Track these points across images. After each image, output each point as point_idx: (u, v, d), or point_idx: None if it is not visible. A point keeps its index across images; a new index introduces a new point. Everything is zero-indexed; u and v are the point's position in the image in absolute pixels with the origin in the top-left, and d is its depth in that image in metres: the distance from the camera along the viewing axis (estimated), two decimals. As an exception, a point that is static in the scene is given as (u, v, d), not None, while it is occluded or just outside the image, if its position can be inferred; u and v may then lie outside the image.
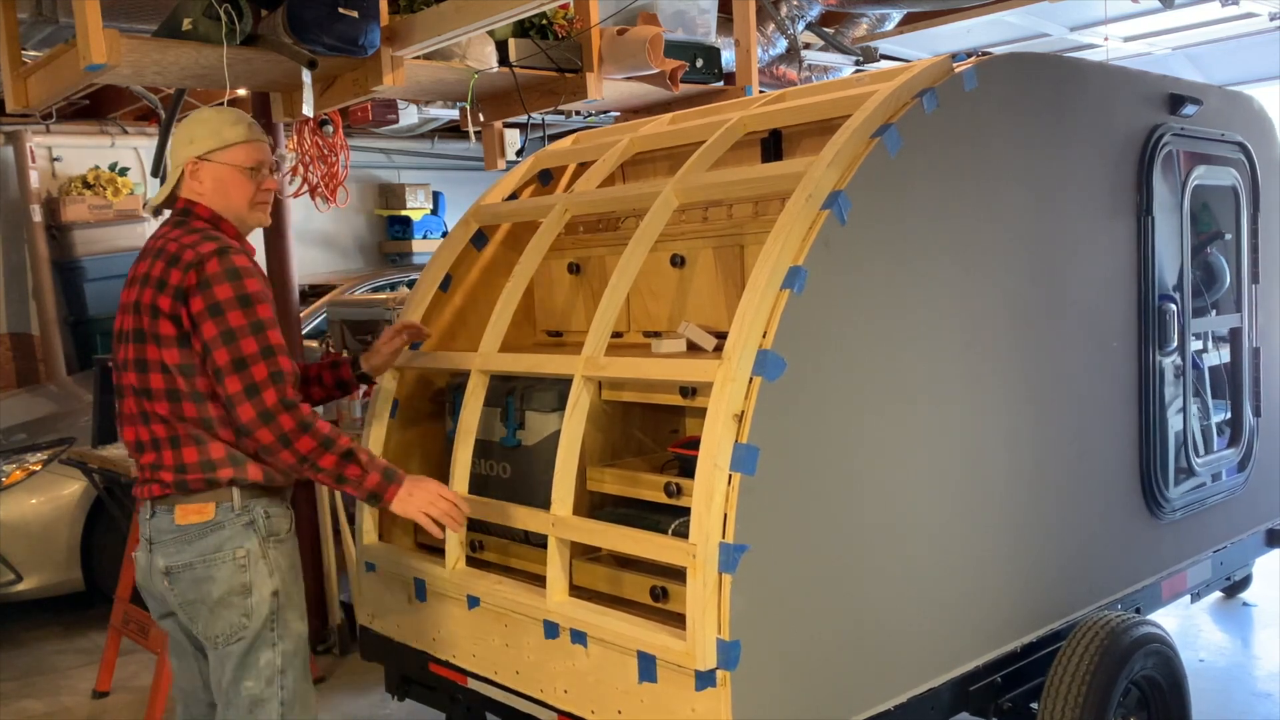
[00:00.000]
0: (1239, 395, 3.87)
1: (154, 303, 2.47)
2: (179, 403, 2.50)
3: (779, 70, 6.15)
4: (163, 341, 2.47)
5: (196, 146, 2.64)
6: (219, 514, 2.53)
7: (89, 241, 7.62)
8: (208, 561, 2.52)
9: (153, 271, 2.50)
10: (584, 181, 3.15)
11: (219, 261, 2.46)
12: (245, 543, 2.54)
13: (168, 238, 2.56)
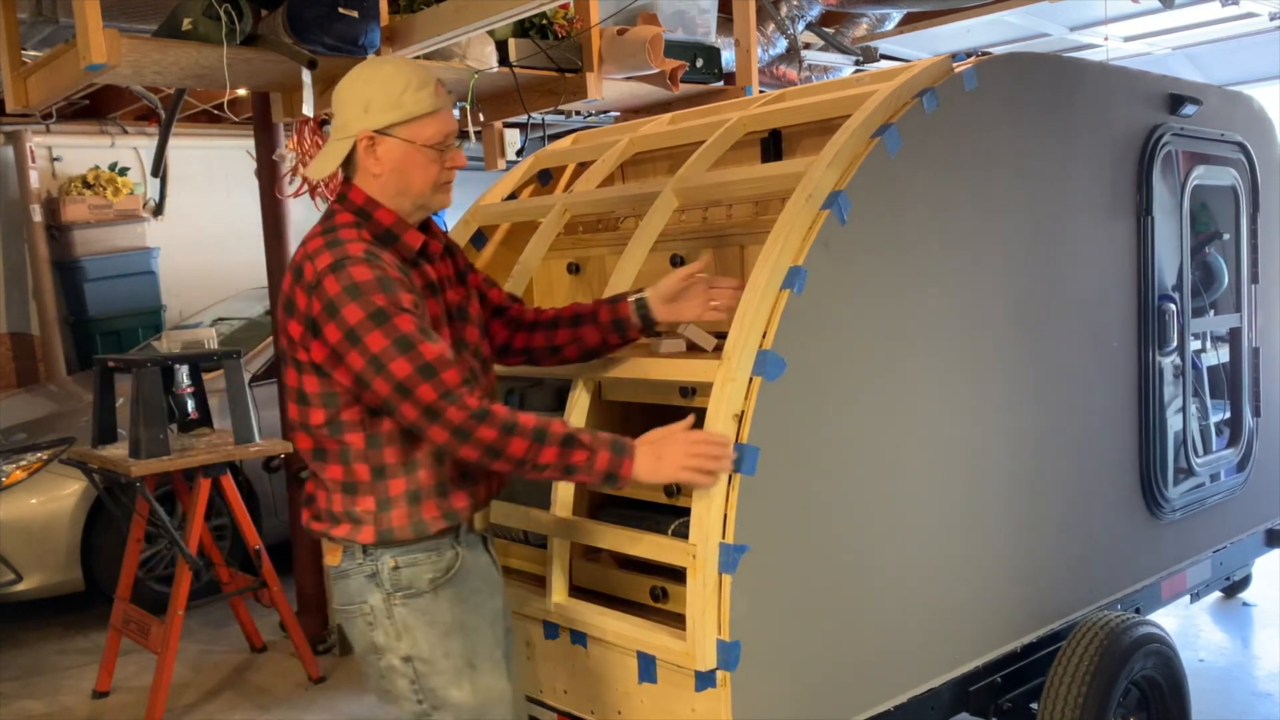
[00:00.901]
0: (1238, 395, 3.87)
1: (287, 328, 2.17)
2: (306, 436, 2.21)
3: (779, 70, 6.16)
4: (303, 367, 2.16)
5: (373, 117, 2.16)
6: (345, 560, 2.21)
7: (89, 241, 7.62)
8: (348, 612, 2.24)
9: (284, 284, 2.20)
10: (584, 181, 3.15)
11: (336, 279, 2.08)
12: (369, 597, 2.19)
13: (305, 238, 2.22)
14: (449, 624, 2.21)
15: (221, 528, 5.46)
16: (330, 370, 2.11)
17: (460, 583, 2.22)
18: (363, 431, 2.15)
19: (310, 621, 4.83)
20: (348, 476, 2.17)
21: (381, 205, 2.20)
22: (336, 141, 2.21)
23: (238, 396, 4.36)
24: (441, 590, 2.20)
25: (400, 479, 2.16)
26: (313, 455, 2.20)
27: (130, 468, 4.01)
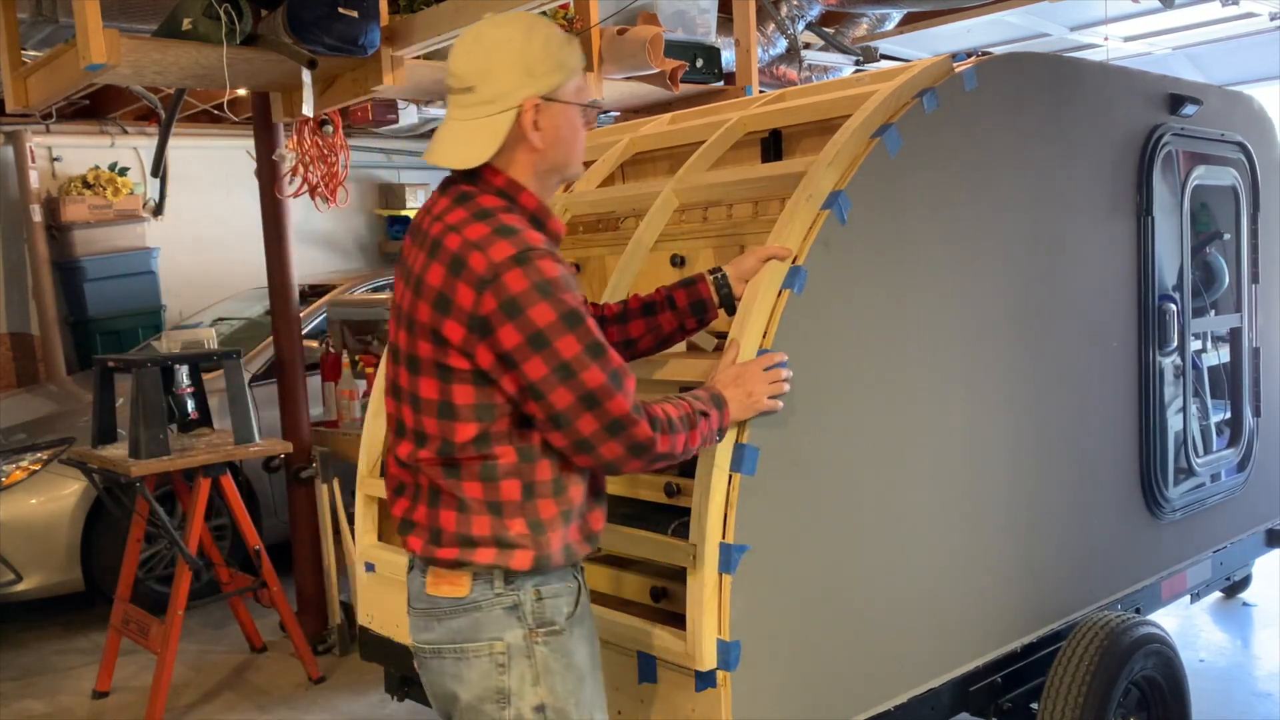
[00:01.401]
0: (1239, 395, 3.87)
1: (437, 328, 1.85)
2: (429, 447, 1.91)
3: (779, 70, 6.15)
4: (453, 375, 1.86)
5: (539, 81, 1.88)
6: (477, 590, 1.90)
7: (89, 241, 7.62)
8: (457, 652, 1.91)
9: (429, 277, 1.86)
10: (584, 182, 3.15)
11: (523, 274, 1.79)
12: (505, 634, 1.90)
13: (446, 222, 1.88)
14: (581, 668, 1.96)
15: (221, 528, 5.46)
16: (497, 377, 1.83)
17: (584, 618, 2.00)
18: (512, 445, 1.88)
19: (310, 621, 4.83)
20: (491, 495, 1.88)
21: (525, 188, 1.93)
22: (492, 116, 1.87)
23: (238, 396, 4.36)
24: (574, 627, 1.95)
25: (550, 499, 1.91)
26: (444, 472, 1.89)
27: (130, 468, 4.01)
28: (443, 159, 1.91)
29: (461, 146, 1.90)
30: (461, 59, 1.89)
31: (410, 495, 1.96)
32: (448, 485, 1.90)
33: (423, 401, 1.89)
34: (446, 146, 1.92)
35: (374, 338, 4.92)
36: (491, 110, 1.87)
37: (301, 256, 5.14)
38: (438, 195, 1.96)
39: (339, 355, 4.90)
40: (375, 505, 3.27)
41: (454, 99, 1.91)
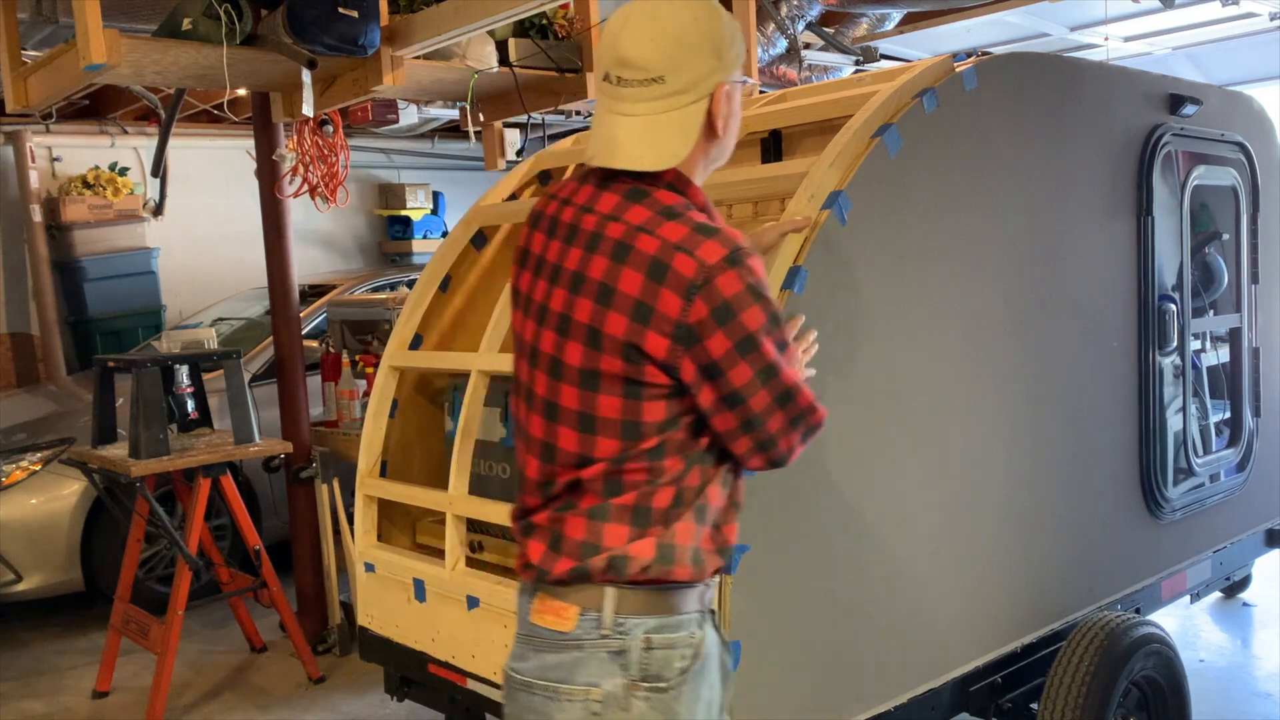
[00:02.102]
0: (1238, 395, 3.87)
1: (635, 342, 1.63)
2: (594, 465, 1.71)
3: (779, 70, 6.15)
4: (644, 392, 1.66)
5: (727, 65, 1.71)
6: (580, 627, 1.71)
7: (89, 241, 7.61)
8: (549, 691, 1.72)
9: (619, 282, 1.64)
10: (584, 182, 3.15)
11: (738, 276, 1.62)
12: (604, 682, 1.69)
13: (627, 222, 1.67)
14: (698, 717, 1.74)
15: (221, 528, 5.46)
16: (695, 390, 1.67)
17: (704, 673, 1.75)
18: (682, 456, 1.72)
19: (310, 621, 4.82)
20: (642, 504, 1.71)
21: (692, 180, 1.76)
22: (686, 108, 1.68)
23: (238, 396, 4.36)
24: (686, 684, 1.72)
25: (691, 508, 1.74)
26: (605, 488, 1.70)
27: (130, 468, 4.01)
28: (635, 161, 1.68)
29: (657, 145, 1.68)
30: (643, 46, 1.66)
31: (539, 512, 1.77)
32: (592, 503, 1.71)
33: (601, 421, 1.68)
34: (638, 147, 1.68)
35: (374, 337, 4.92)
36: (685, 101, 1.68)
37: (301, 256, 5.14)
38: (589, 187, 1.75)
39: (339, 355, 4.90)
40: (375, 505, 3.28)
41: (633, 91, 1.67)
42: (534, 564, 1.74)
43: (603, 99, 1.72)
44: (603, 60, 1.71)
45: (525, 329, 1.78)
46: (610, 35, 1.70)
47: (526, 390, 1.79)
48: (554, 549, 1.73)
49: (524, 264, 1.81)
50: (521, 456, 1.82)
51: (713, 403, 1.67)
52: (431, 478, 3.33)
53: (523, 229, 1.85)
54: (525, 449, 1.80)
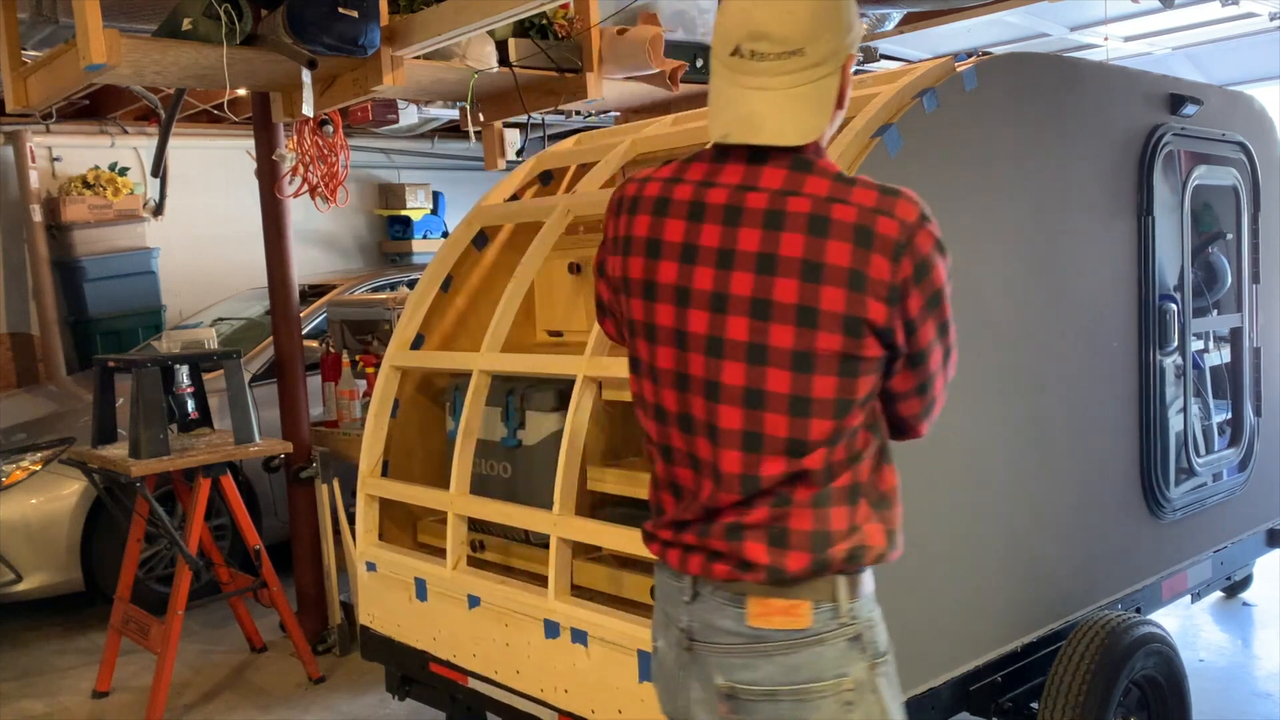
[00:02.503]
0: (1239, 395, 3.87)
1: (858, 313, 1.59)
2: (808, 454, 1.65)
3: (779, 70, 6.14)
4: (860, 367, 1.63)
5: (853, 34, 1.68)
6: (817, 620, 1.67)
7: (89, 241, 7.62)
8: (798, 694, 1.66)
9: (825, 256, 1.59)
10: (586, 182, 3.15)
11: (930, 232, 1.64)
12: (851, 669, 1.68)
13: (812, 195, 1.63)
14: (900, 701, 1.76)
15: (221, 528, 5.46)
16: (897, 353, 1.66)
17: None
18: (872, 433, 1.70)
19: (310, 621, 4.82)
20: (852, 491, 1.69)
21: (824, 152, 1.72)
22: (821, 80, 1.64)
23: (238, 396, 4.36)
24: (891, 654, 1.75)
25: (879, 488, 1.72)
26: (824, 473, 1.66)
27: (130, 468, 4.01)
28: (779, 136, 1.63)
29: (800, 118, 1.64)
30: (782, 19, 1.62)
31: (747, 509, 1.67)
32: (814, 490, 1.66)
33: (815, 403, 1.62)
34: (780, 121, 1.63)
35: (374, 337, 4.92)
36: (822, 73, 1.64)
37: (301, 256, 5.14)
38: (735, 165, 1.69)
39: (339, 355, 4.90)
40: (376, 505, 3.28)
41: (770, 65, 1.62)
42: (761, 564, 1.65)
43: (729, 74, 1.66)
44: (731, 35, 1.65)
45: (686, 320, 1.68)
46: (740, 10, 1.64)
47: (683, 382, 1.70)
48: (780, 545, 1.65)
49: (655, 254, 1.71)
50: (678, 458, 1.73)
51: (901, 361, 1.67)
52: (432, 477, 3.34)
53: (623, 219, 1.77)
54: (691, 446, 1.71)
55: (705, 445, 1.69)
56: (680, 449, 1.73)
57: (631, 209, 1.76)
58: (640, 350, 1.76)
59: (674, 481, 1.76)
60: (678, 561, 1.72)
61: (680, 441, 1.73)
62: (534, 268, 3.00)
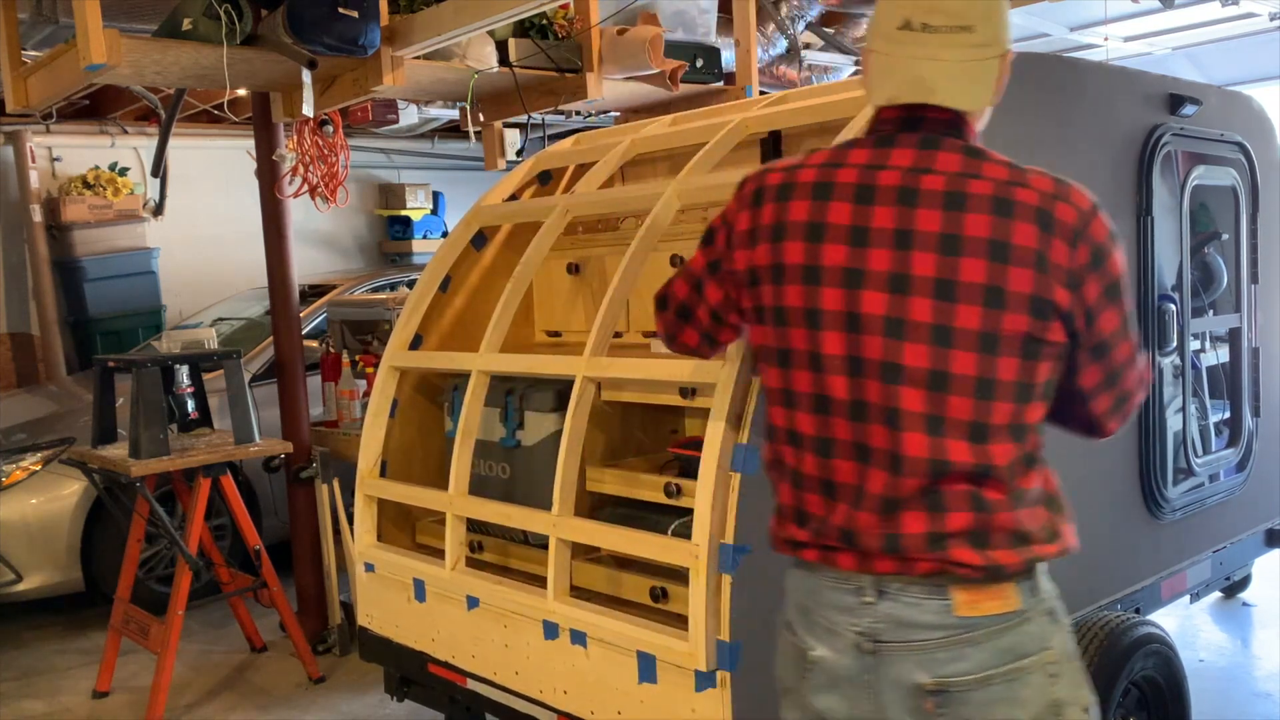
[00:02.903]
0: (1238, 395, 3.87)
1: (1041, 294, 1.60)
2: (993, 439, 1.65)
3: (779, 70, 6.15)
4: (1041, 351, 1.64)
5: (1010, 32, 1.75)
6: (1023, 600, 1.69)
7: (89, 241, 7.62)
8: (1010, 674, 1.66)
9: (1013, 237, 1.61)
10: (585, 183, 3.15)
11: (1104, 221, 1.67)
12: (1052, 640, 1.72)
13: (991, 177, 1.68)
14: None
15: (221, 528, 5.46)
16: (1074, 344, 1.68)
17: None
18: (1043, 442, 1.74)
19: (310, 621, 4.83)
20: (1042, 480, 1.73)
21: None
22: (986, 61, 1.71)
23: (238, 396, 4.36)
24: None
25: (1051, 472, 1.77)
26: (1017, 461, 1.67)
27: (130, 468, 4.01)
28: (953, 99, 1.70)
29: (970, 88, 1.72)
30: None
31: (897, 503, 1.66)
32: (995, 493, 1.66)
33: (1001, 385, 1.62)
34: (952, 87, 1.70)
35: (374, 337, 4.92)
36: (987, 54, 1.71)
37: (301, 256, 5.14)
38: (905, 149, 1.70)
39: (339, 355, 4.90)
40: (375, 505, 3.28)
41: (941, 38, 1.68)
42: (975, 564, 1.63)
43: (898, 47, 1.70)
44: (901, 8, 1.69)
45: (859, 303, 1.66)
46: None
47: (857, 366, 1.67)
48: (984, 546, 1.65)
49: (817, 238, 1.70)
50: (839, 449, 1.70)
51: (1085, 354, 1.68)
52: (431, 478, 3.34)
53: (768, 207, 1.76)
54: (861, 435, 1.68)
55: (881, 432, 1.66)
56: (844, 439, 1.69)
57: (781, 195, 1.75)
58: (794, 339, 1.72)
59: (827, 479, 1.71)
60: (854, 563, 1.68)
61: (846, 431, 1.69)
62: (533, 268, 3.00)
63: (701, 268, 1.89)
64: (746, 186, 1.82)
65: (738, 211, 1.81)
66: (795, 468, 1.75)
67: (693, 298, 1.93)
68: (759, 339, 1.80)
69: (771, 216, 1.75)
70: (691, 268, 1.92)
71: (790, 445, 1.76)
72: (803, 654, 1.76)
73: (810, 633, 1.75)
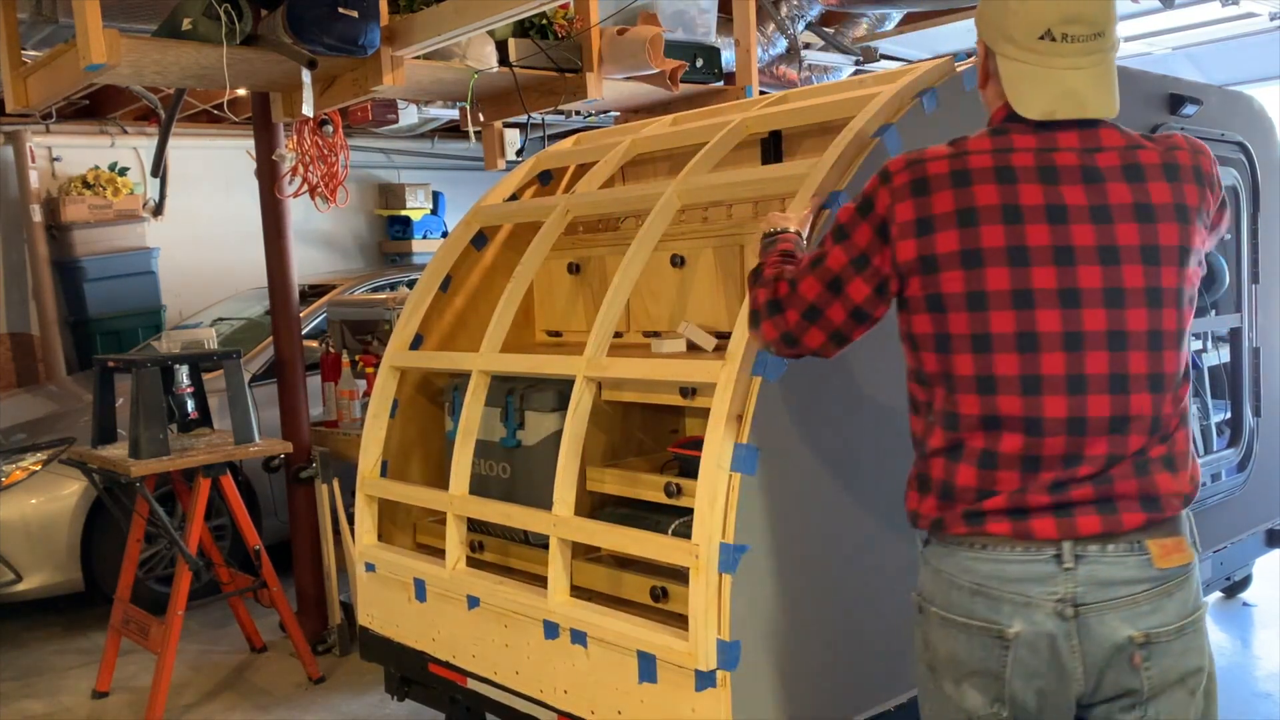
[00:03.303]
0: (1239, 395, 3.87)
1: (1187, 244, 1.79)
2: (1179, 389, 1.83)
3: (779, 70, 6.15)
4: (1190, 298, 1.84)
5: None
6: (1195, 553, 1.82)
7: (89, 241, 7.62)
8: (1195, 623, 1.79)
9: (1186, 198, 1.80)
10: (585, 183, 3.15)
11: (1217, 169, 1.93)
12: (1204, 597, 1.88)
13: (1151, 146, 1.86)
14: None
15: (221, 528, 5.46)
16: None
17: None
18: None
19: (310, 621, 4.82)
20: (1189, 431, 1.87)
21: None
22: (1112, 59, 1.88)
23: (238, 396, 4.36)
24: None
25: None
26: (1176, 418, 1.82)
27: (130, 468, 4.01)
28: (1105, 109, 1.84)
29: (1112, 92, 1.86)
30: (1093, 3, 1.81)
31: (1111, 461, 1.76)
32: (1180, 419, 1.82)
33: (1169, 335, 1.79)
34: (1099, 96, 1.83)
35: (374, 337, 4.92)
36: (1114, 55, 1.86)
37: (301, 256, 5.14)
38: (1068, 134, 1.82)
39: (339, 355, 4.90)
40: (375, 505, 3.28)
41: (1080, 46, 1.80)
42: (1171, 493, 1.77)
43: (1036, 56, 1.80)
44: (1041, 19, 1.78)
45: (1075, 278, 1.75)
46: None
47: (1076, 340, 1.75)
48: (1174, 469, 1.79)
49: (1016, 219, 1.77)
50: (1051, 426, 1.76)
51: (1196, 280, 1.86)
52: (432, 478, 3.34)
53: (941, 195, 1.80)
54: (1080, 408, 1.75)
55: (1103, 401, 1.75)
56: (1056, 417, 1.75)
57: (959, 182, 1.79)
58: (995, 323, 1.77)
59: (1033, 454, 1.76)
60: (1055, 530, 1.74)
61: (1060, 408, 1.75)
62: (533, 268, 3.00)
63: (842, 265, 1.90)
64: (897, 179, 1.84)
65: (893, 204, 1.83)
66: (987, 448, 1.79)
67: (825, 297, 1.94)
68: (927, 327, 1.84)
69: (952, 203, 1.79)
70: (828, 266, 1.92)
71: (984, 430, 1.79)
72: (997, 633, 1.77)
73: (998, 611, 1.77)
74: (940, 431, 1.84)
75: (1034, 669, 1.76)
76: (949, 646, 1.82)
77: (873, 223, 1.86)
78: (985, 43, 1.88)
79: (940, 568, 1.83)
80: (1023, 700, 1.78)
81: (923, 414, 1.89)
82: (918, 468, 1.89)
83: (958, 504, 1.81)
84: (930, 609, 1.85)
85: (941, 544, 1.83)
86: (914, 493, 1.89)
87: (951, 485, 1.82)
